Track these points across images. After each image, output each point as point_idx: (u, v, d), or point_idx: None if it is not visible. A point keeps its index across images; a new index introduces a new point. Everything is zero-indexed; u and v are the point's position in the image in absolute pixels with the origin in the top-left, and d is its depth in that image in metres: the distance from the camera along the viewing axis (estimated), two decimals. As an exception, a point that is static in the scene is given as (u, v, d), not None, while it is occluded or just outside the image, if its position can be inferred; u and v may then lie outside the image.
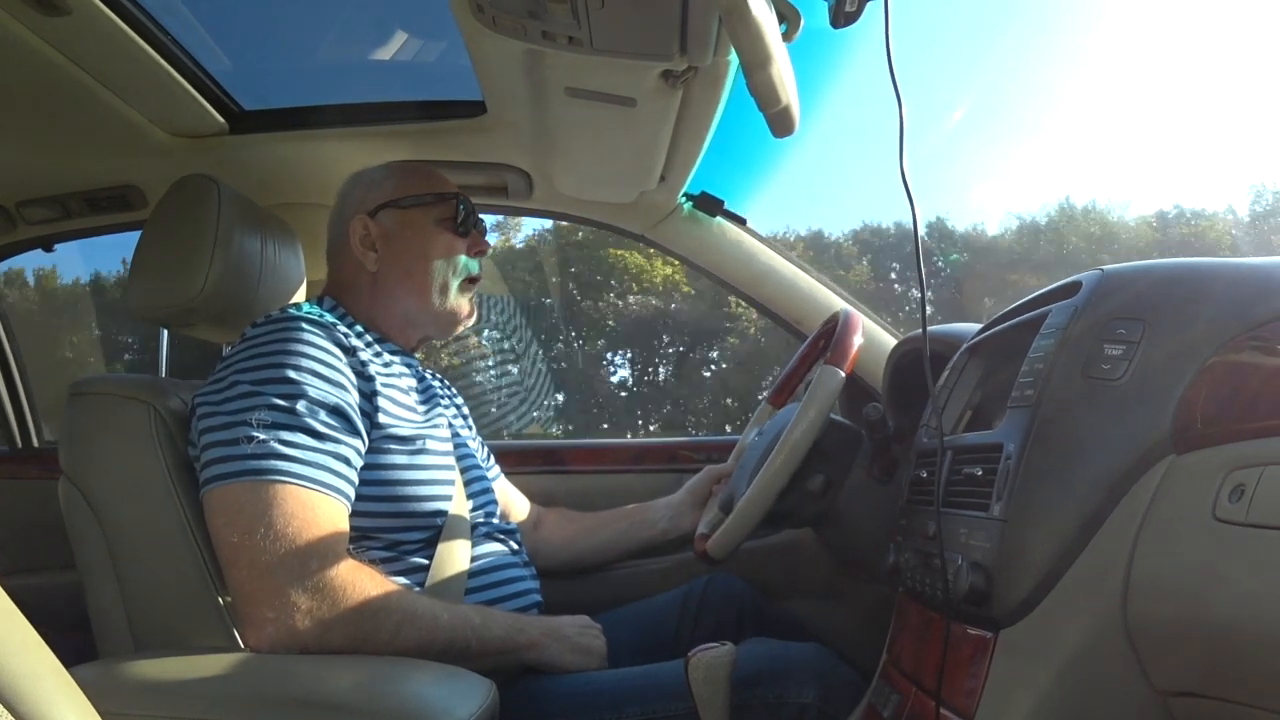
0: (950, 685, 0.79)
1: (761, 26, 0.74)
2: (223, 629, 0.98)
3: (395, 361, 1.15)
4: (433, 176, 1.25)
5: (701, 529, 1.31)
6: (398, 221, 1.19)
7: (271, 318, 1.05)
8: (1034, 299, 0.91)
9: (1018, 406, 0.79)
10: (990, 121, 43.83)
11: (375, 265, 1.18)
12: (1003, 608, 0.74)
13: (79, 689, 0.51)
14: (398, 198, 1.19)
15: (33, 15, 1.03)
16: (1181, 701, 0.67)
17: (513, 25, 0.91)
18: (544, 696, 1.03)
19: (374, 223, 1.18)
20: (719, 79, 1.07)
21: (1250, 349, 0.68)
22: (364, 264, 1.18)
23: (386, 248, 1.18)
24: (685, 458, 1.65)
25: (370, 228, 1.18)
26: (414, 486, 1.06)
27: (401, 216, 1.19)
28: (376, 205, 1.19)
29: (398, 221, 1.19)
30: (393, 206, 1.19)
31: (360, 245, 1.18)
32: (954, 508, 0.84)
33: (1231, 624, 0.58)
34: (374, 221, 1.18)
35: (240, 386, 0.97)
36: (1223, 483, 0.61)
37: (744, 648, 0.97)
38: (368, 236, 1.18)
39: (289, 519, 0.91)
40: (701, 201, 1.58)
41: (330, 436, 0.97)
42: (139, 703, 0.80)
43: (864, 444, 1.14)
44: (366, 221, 1.18)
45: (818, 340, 1.38)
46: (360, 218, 1.18)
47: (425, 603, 0.98)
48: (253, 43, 1.34)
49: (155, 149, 1.39)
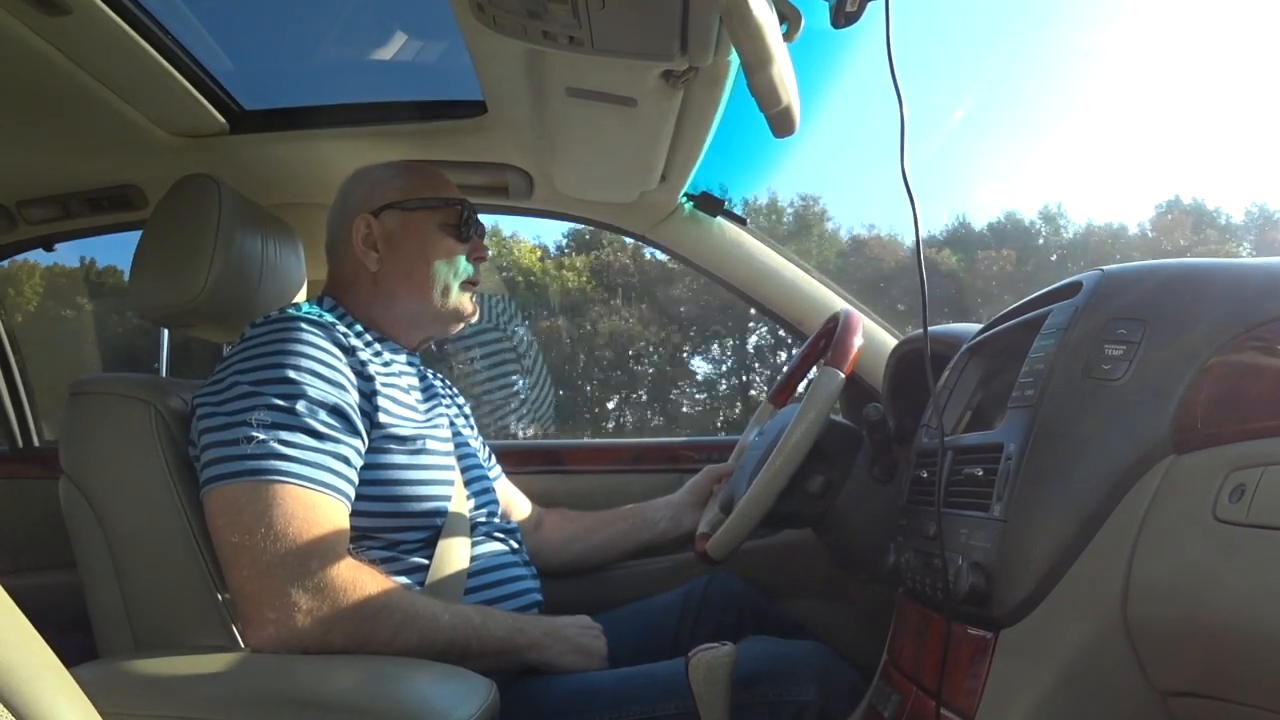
0: (951, 685, 0.79)
1: (762, 27, 0.74)
2: (223, 628, 0.98)
3: (396, 361, 1.15)
4: (437, 179, 1.25)
5: (702, 528, 1.31)
6: (400, 223, 1.19)
7: (270, 318, 1.05)
8: (1035, 299, 0.91)
9: (1018, 407, 0.79)
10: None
11: (377, 265, 1.18)
12: (1003, 608, 0.74)
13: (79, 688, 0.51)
14: (402, 199, 1.19)
15: (33, 15, 1.03)
16: (1182, 702, 0.67)
17: (513, 25, 0.91)
18: (544, 696, 1.03)
19: (377, 223, 1.18)
20: (720, 79, 1.07)
21: (1251, 349, 0.68)
22: (365, 263, 1.18)
23: (388, 248, 1.18)
24: (686, 458, 1.65)
25: (373, 227, 1.18)
26: (414, 486, 1.06)
27: (404, 218, 1.19)
28: (380, 205, 1.19)
29: (400, 223, 1.19)
30: (396, 208, 1.19)
31: (362, 245, 1.18)
32: (954, 508, 0.84)
33: (1231, 624, 0.58)
34: (377, 221, 1.18)
35: (240, 387, 0.97)
36: (1223, 483, 0.61)
37: (744, 647, 0.97)
38: (370, 236, 1.18)
39: (289, 519, 0.91)
40: (702, 201, 1.58)
41: (330, 436, 0.97)
42: (139, 702, 0.80)
43: (864, 444, 1.14)
44: (370, 221, 1.18)
45: (818, 340, 1.38)
46: (363, 217, 1.18)
47: (426, 602, 0.98)
48: (253, 42, 1.33)
49: (156, 149, 1.38)
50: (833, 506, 1.12)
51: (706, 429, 15.82)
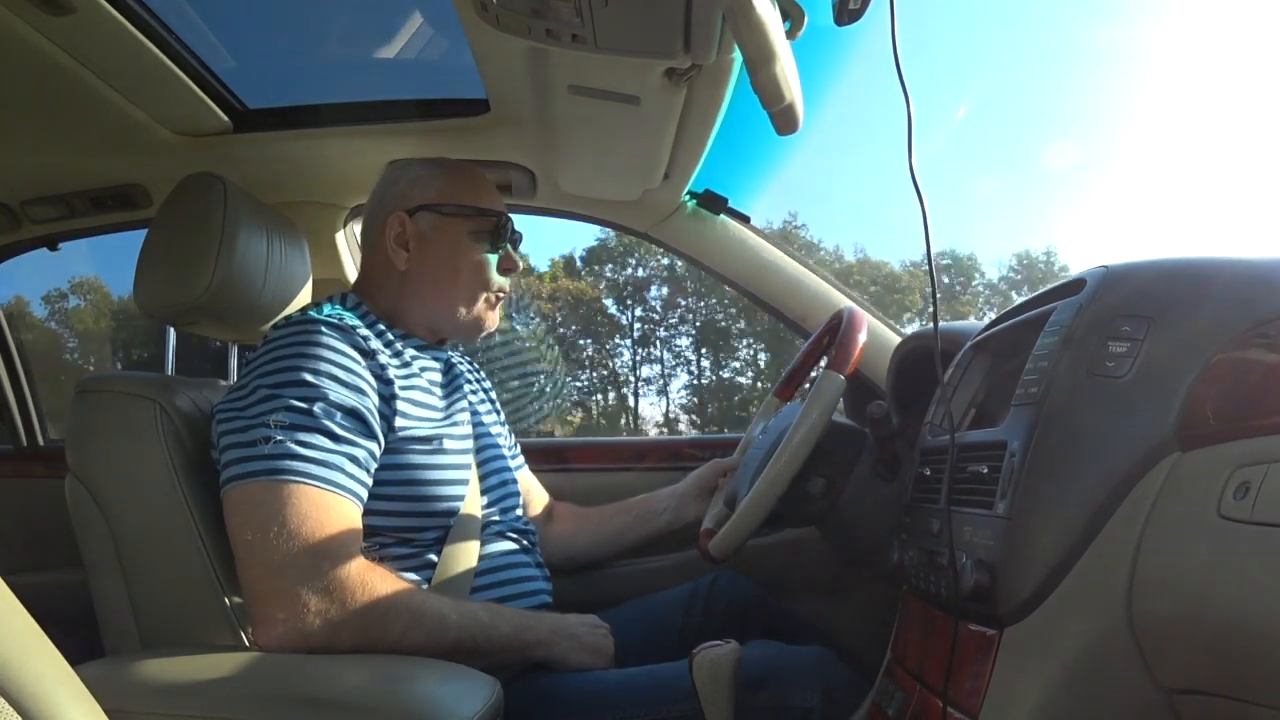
0: (955, 683, 0.79)
1: (765, 24, 0.73)
2: (228, 627, 0.99)
3: (419, 358, 1.14)
4: (478, 184, 1.23)
5: (707, 524, 1.32)
6: (433, 226, 1.18)
7: (292, 320, 1.05)
8: (1038, 296, 0.91)
9: (1022, 404, 0.79)
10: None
11: (405, 264, 1.17)
12: (1007, 605, 0.74)
13: (84, 686, 0.51)
14: (439, 202, 1.18)
15: (37, 14, 1.03)
16: (1187, 699, 0.67)
17: (516, 23, 0.91)
18: (550, 694, 1.03)
19: (410, 222, 1.17)
20: (723, 77, 1.07)
21: (1256, 345, 0.67)
22: (394, 261, 1.17)
23: (419, 249, 1.17)
24: (690, 455, 1.65)
25: (406, 226, 1.17)
26: (429, 486, 1.07)
27: (438, 222, 1.18)
28: (417, 205, 1.18)
29: (433, 226, 1.18)
30: (432, 210, 1.18)
31: (394, 242, 1.17)
32: (958, 505, 0.84)
33: (1236, 621, 0.58)
34: (411, 221, 1.17)
35: (260, 390, 0.97)
36: (1228, 480, 0.60)
37: (748, 651, 0.97)
38: (402, 235, 1.17)
39: (303, 519, 0.91)
40: (705, 199, 1.58)
41: (346, 439, 0.97)
42: (144, 700, 0.80)
43: (867, 442, 1.14)
44: (404, 219, 1.17)
45: (822, 337, 1.37)
46: (398, 214, 1.17)
47: (434, 602, 0.98)
48: (257, 41, 1.34)
49: (160, 147, 1.39)
50: (836, 505, 1.12)
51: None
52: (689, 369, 19.73)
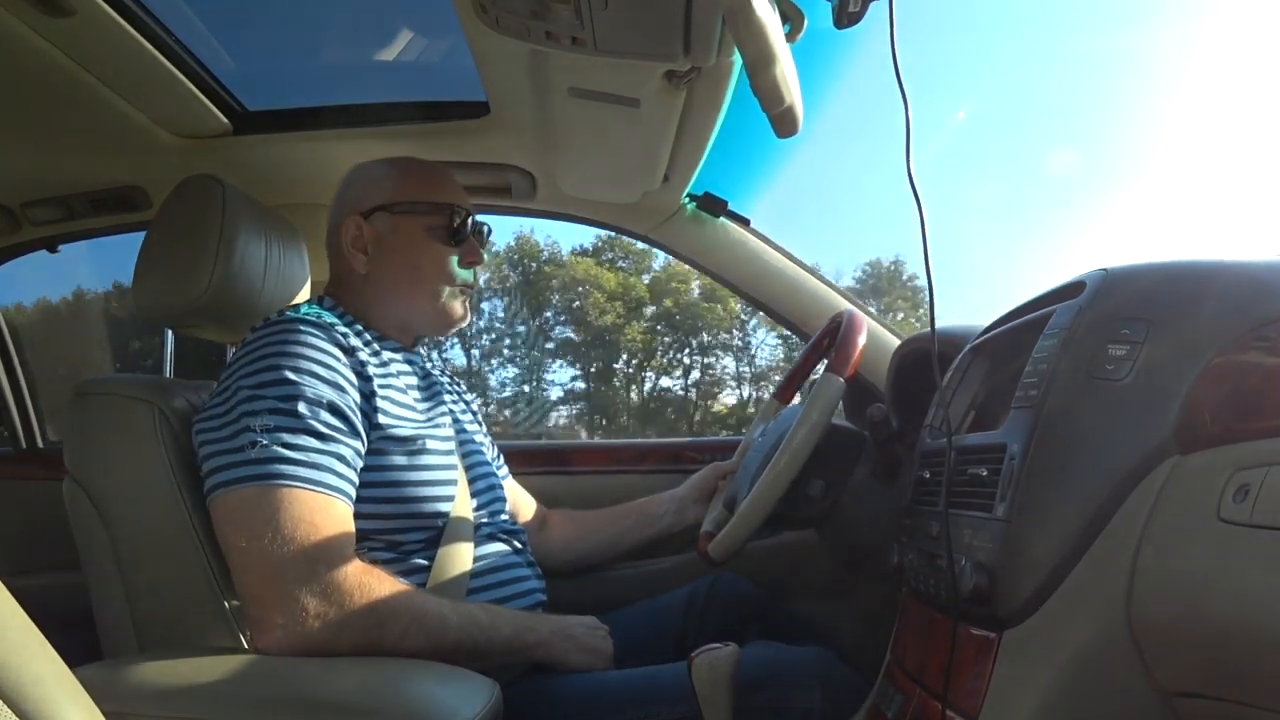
0: (954, 685, 0.78)
1: (765, 27, 0.74)
2: (227, 629, 0.98)
3: (395, 359, 1.14)
4: (433, 180, 1.21)
5: (707, 527, 1.32)
6: (390, 227, 1.16)
7: (270, 320, 1.05)
8: (1038, 299, 0.91)
9: (1021, 407, 0.79)
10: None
11: (365, 268, 1.16)
12: (1007, 608, 0.74)
13: (83, 689, 0.51)
14: (392, 202, 1.16)
15: (37, 16, 1.03)
16: (1186, 702, 0.67)
17: (516, 26, 0.91)
18: (549, 696, 1.03)
19: (366, 225, 1.16)
20: (722, 79, 1.07)
21: (1255, 348, 0.67)
22: (354, 265, 1.16)
23: (377, 251, 1.16)
24: (690, 458, 1.65)
25: (363, 229, 1.16)
26: (415, 487, 1.06)
27: (394, 222, 1.16)
28: (370, 207, 1.16)
29: (390, 227, 1.16)
30: (385, 210, 1.16)
31: (351, 246, 1.16)
32: (958, 508, 0.84)
33: (1236, 624, 0.58)
34: (366, 223, 1.16)
35: (242, 392, 0.96)
36: (1227, 483, 0.60)
37: (748, 652, 0.96)
38: (359, 238, 1.16)
39: (297, 523, 0.90)
40: (705, 202, 1.58)
41: (332, 438, 0.97)
42: (143, 703, 0.80)
43: (867, 445, 1.14)
44: (359, 222, 1.16)
45: (822, 339, 1.38)
46: (353, 218, 1.16)
47: (434, 604, 0.98)
48: (256, 43, 1.34)
49: (159, 149, 1.39)
50: (835, 507, 1.12)
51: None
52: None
